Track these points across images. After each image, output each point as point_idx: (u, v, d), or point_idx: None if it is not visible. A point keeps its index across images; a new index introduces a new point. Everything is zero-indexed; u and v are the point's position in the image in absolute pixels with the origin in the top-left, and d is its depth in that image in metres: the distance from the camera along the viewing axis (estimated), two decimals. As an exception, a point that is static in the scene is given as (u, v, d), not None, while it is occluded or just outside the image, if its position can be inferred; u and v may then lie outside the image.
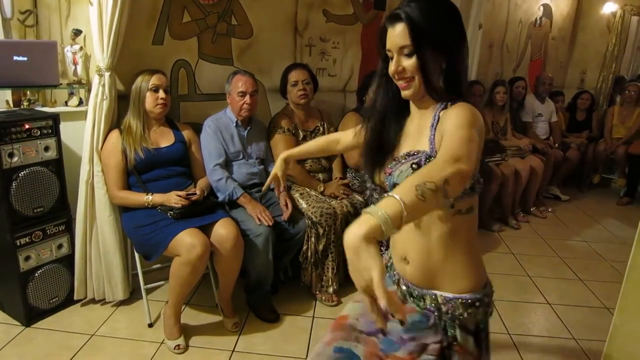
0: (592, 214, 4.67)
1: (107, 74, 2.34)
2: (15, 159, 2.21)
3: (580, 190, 5.36)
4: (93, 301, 2.60)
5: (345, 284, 2.76)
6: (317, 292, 2.73)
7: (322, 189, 2.84)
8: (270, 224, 2.48)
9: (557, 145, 4.92)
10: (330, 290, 2.71)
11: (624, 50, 5.95)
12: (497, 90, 4.34)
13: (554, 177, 4.92)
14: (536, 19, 5.40)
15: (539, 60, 5.62)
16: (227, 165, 2.65)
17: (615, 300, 1.80)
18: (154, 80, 2.41)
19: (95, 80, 2.36)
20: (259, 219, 2.47)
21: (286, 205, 2.62)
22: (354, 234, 0.80)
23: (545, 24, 5.52)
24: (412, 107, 1.22)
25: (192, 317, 2.54)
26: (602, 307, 2.88)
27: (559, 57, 5.92)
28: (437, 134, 1.09)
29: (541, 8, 5.40)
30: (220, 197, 2.57)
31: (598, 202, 5.07)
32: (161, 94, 2.43)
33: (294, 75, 2.88)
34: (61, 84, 2.51)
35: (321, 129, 2.99)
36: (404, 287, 1.21)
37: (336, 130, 3.03)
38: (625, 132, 5.17)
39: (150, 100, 2.42)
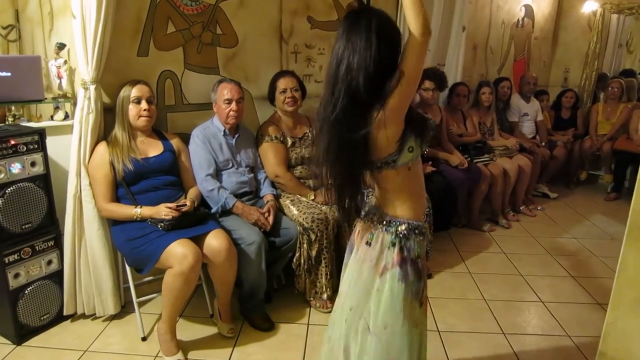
0: (580, 210, 4.72)
1: (92, 87, 2.32)
2: (2, 175, 2.18)
3: (568, 188, 5.42)
4: (85, 317, 2.56)
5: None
6: (311, 299, 2.72)
7: (312, 197, 2.83)
8: (268, 228, 2.52)
9: (543, 143, 4.97)
10: (325, 296, 2.70)
11: (606, 48, 6.02)
12: (482, 91, 4.38)
13: (541, 175, 4.97)
14: (518, 19, 5.47)
15: (523, 60, 5.69)
16: (216, 174, 2.64)
17: (607, 295, 1.81)
18: (135, 91, 2.38)
19: (80, 93, 2.33)
20: (258, 225, 2.52)
21: (269, 213, 2.62)
22: None
23: (527, 24, 5.59)
24: None
25: (185, 329, 2.52)
26: (594, 302, 2.91)
27: (542, 56, 6.00)
28: None
29: (523, 9, 5.47)
30: (214, 208, 2.55)
31: (586, 198, 5.13)
32: (143, 104, 2.39)
33: (282, 83, 2.88)
34: (46, 99, 2.49)
35: (310, 135, 2.98)
36: None
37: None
38: (610, 128, 5.24)
39: (132, 113, 2.39)
